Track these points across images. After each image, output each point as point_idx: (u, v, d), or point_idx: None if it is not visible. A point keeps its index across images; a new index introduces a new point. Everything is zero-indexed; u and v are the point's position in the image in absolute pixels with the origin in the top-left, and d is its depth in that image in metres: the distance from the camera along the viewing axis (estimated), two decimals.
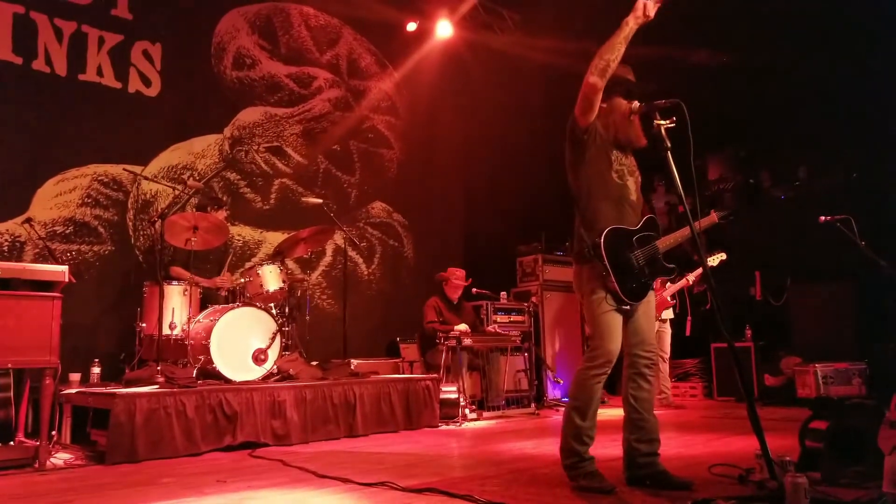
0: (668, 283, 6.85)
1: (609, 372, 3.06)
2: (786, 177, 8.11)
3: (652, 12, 2.95)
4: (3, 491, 3.27)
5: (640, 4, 2.95)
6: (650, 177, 9.23)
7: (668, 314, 6.91)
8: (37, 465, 3.77)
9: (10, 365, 3.83)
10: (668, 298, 6.81)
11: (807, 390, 6.52)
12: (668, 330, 6.91)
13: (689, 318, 7.12)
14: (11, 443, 3.94)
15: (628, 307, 3.06)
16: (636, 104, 3.00)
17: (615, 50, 2.95)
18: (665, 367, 6.91)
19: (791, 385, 6.88)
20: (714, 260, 6.44)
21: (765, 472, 2.74)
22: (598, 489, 2.89)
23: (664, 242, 3.20)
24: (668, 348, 6.89)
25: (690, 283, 6.78)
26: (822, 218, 5.17)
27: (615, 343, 3.03)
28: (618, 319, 3.05)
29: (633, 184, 3.18)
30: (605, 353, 3.02)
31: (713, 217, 3.72)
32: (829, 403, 3.25)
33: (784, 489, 2.33)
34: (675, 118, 2.87)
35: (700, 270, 6.63)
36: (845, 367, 6.51)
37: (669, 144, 2.86)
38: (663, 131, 2.87)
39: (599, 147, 3.10)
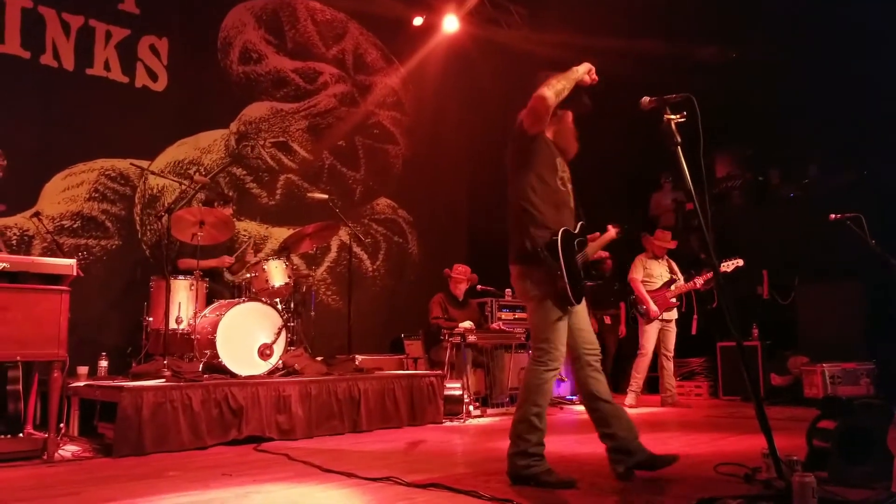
0: (674, 286, 6.85)
1: None
2: (795, 175, 8.06)
3: (591, 79, 3.27)
4: (12, 482, 3.29)
5: (588, 66, 3.29)
6: (656, 174, 9.20)
7: (673, 314, 6.93)
8: (45, 457, 3.78)
9: (18, 358, 3.84)
10: (672, 300, 6.82)
11: (814, 390, 6.49)
12: (673, 329, 6.92)
13: (694, 316, 7.10)
14: (20, 435, 3.96)
15: (571, 308, 3.13)
16: (646, 99, 2.98)
17: (569, 82, 3.17)
18: (670, 366, 6.90)
19: (798, 385, 6.85)
20: (729, 266, 6.45)
21: (772, 471, 2.72)
22: (564, 482, 2.95)
23: (592, 249, 3.32)
24: (672, 347, 6.90)
25: (698, 286, 6.78)
26: (832, 216, 5.14)
27: (565, 345, 3.13)
28: (566, 322, 3.12)
29: (571, 191, 3.31)
30: (560, 356, 3.11)
31: (611, 233, 3.73)
32: (837, 403, 3.23)
33: (791, 488, 2.31)
34: (685, 113, 2.85)
35: (708, 275, 6.66)
36: (853, 366, 6.47)
37: (680, 139, 2.84)
38: (673, 126, 2.85)
39: (547, 154, 3.23)
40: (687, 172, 2.85)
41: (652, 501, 2.62)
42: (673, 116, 2.89)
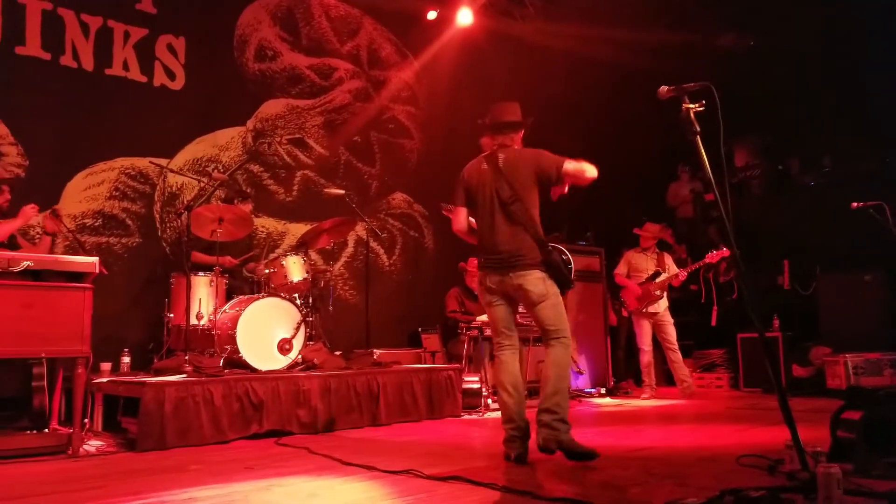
0: (658, 279, 6.84)
1: None
2: (815, 163, 7.96)
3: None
4: (39, 476, 3.35)
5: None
6: (673, 164, 9.13)
7: (660, 307, 6.97)
8: (70, 452, 3.84)
9: (43, 354, 3.91)
10: (656, 292, 6.89)
11: (837, 381, 6.42)
12: (668, 321, 7.00)
13: (714, 308, 7.05)
14: (46, 430, 4.04)
15: None
16: (664, 88, 2.96)
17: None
18: (678, 357, 6.92)
19: (820, 376, 6.78)
20: (715, 257, 6.47)
21: (795, 462, 2.70)
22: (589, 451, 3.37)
23: None
24: (673, 339, 6.97)
25: (682, 277, 6.91)
26: (855, 204, 5.08)
27: None
28: None
29: None
30: None
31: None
32: (862, 393, 3.19)
33: (816, 480, 2.29)
34: (704, 101, 2.82)
35: (692, 267, 6.70)
36: (877, 357, 6.39)
37: (699, 128, 2.81)
38: (692, 115, 2.82)
39: None
40: (706, 161, 2.82)
41: (674, 492, 2.60)
42: (691, 105, 2.86)
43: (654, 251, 7.14)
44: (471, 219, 4.01)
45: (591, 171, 3.70)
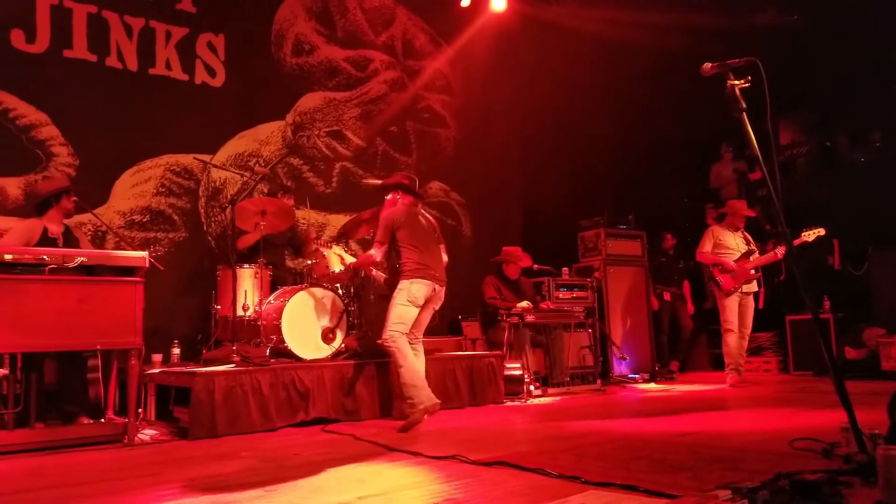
0: (752, 257, 6.52)
1: None
2: (864, 138, 7.70)
3: None
4: (98, 464, 3.47)
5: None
6: (715, 145, 8.93)
7: (753, 287, 6.55)
8: (126, 441, 3.97)
9: (98, 346, 4.02)
10: (752, 271, 6.51)
11: (892, 362, 6.24)
12: (751, 304, 6.55)
13: (762, 290, 6.86)
14: (102, 420, 4.18)
15: None
16: (707, 65, 2.89)
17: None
18: (744, 344, 6.59)
19: (874, 358, 6.60)
20: (811, 235, 6.12)
21: (851, 445, 2.63)
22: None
23: None
24: (749, 324, 6.56)
25: (779, 256, 6.39)
26: None
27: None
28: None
29: None
30: None
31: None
32: None
33: (875, 462, 2.23)
34: (749, 78, 2.75)
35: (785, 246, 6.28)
36: None
37: (745, 105, 2.74)
38: (737, 91, 2.75)
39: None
40: (753, 139, 2.75)
41: (725, 476, 2.56)
42: (737, 82, 2.79)
43: (741, 230, 6.78)
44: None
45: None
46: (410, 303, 4.48)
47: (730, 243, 6.60)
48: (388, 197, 4.88)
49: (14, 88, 5.60)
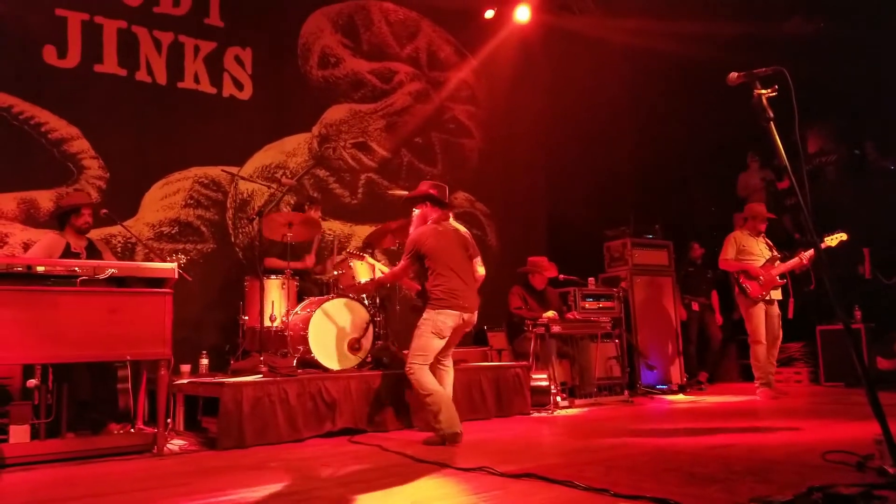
0: (777, 263, 6.37)
1: None
2: (892, 146, 7.57)
3: None
4: (129, 474, 3.52)
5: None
6: (742, 154, 8.84)
7: (779, 294, 6.42)
8: (155, 451, 4.01)
9: (128, 357, 4.09)
10: (778, 278, 6.39)
11: None
12: (777, 312, 6.41)
13: (791, 300, 6.74)
14: (132, 430, 4.23)
15: None
16: (734, 74, 2.87)
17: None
18: (774, 353, 6.39)
19: None
20: (833, 240, 5.98)
21: (885, 458, 2.58)
22: None
23: None
24: (780, 333, 6.40)
25: (805, 262, 6.24)
26: None
27: None
28: None
29: None
30: None
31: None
32: None
33: None
34: (776, 86, 2.73)
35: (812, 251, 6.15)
36: None
37: (772, 115, 2.71)
38: (764, 101, 2.73)
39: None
40: (781, 148, 2.72)
41: (756, 489, 2.52)
42: (763, 91, 2.77)
43: (763, 235, 6.63)
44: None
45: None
46: (435, 335, 4.25)
47: (754, 249, 6.47)
48: (417, 211, 4.63)
49: (46, 103, 5.73)
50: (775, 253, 6.47)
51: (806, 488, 2.28)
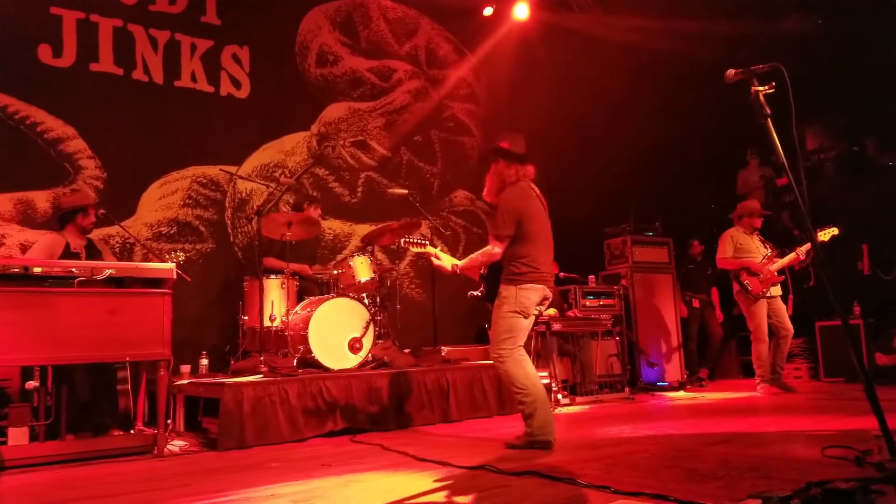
0: (776, 258, 6.38)
1: None
2: (893, 142, 7.56)
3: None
4: (128, 476, 3.51)
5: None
6: (743, 149, 8.83)
7: (779, 290, 6.42)
8: (156, 452, 4.01)
9: (127, 358, 4.08)
10: (776, 273, 6.40)
11: None
12: (782, 306, 6.40)
13: (790, 296, 6.74)
14: (132, 431, 4.23)
15: None
16: (731, 71, 2.87)
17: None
18: (786, 347, 6.37)
19: None
20: (825, 235, 6.00)
21: (884, 453, 2.58)
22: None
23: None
24: (790, 325, 6.38)
25: (802, 257, 6.26)
26: None
27: None
28: None
29: None
30: None
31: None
32: None
33: None
34: (774, 83, 2.72)
35: (809, 246, 6.16)
36: None
37: (769, 111, 2.71)
38: (762, 97, 2.72)
39: None
40: (779, 144, 2.72)
41: (756, 485, 2.52)
42: (761, 88, 2.77)
43: (757, 233, 6.64)
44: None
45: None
46: (520, 313, 3.72)
47: (750, 246, 6.48)
48: (503, 166, 3.93)
49: (42, 102, 5.71)
50: (770, 249, 6.48)
51: (805, 484, 2.28)
